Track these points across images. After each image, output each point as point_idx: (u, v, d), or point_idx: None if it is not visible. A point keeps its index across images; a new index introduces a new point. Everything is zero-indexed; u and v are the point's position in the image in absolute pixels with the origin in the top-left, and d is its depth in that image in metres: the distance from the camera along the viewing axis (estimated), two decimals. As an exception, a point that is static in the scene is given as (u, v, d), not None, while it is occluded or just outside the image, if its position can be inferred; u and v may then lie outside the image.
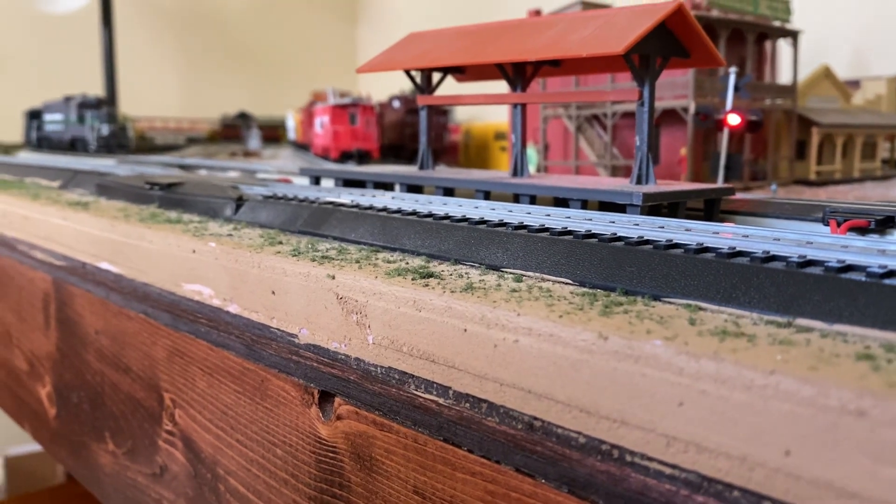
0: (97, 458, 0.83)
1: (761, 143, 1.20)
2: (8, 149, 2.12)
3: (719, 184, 0.85)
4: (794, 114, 1.22)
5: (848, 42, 1.67)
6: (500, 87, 0.76)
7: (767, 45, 1.24)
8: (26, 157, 1.75)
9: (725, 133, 0.93)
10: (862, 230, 0.52)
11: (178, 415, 0.66)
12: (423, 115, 0.82)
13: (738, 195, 0.70)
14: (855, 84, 1.45)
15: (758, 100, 1.15)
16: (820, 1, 1.65)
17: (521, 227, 0.50)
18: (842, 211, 0.54)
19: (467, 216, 0.55)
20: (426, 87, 0.83)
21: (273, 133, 2.50)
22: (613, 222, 0.51)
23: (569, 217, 0.54)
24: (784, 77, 1.30)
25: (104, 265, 0.74)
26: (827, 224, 0.54)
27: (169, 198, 0.79)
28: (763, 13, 1.16)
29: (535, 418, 0.35)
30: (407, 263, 0.48)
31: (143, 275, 0.68)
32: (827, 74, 1.36)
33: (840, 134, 1.26)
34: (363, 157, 1.37)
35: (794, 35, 1.21)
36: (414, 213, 0.58)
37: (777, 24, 1.19)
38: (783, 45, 1.27)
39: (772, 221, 0.60)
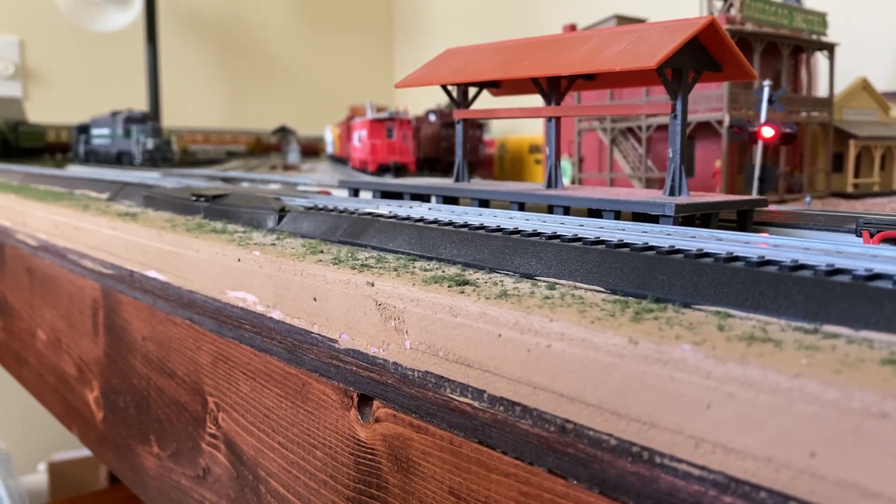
0: (142, 460, 0.86)
1: (797, 155, 1.20)
2: (58, 162, 2.19)
3: (753, 196, 0.85)
4: (830, 126, 1.21)
5: (887, 55, 1.65)
6: (535, 101, 0.78)
7: (803, 57, 1.24)
8: (75, 170, 1.81)
9: (760, 146, 0.93)
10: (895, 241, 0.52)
11: (222, 418, 0.68)
12: (459, 128, 0.84)
13: (772, 207, 0.70)
14: (894, 97, 1.43)
15: (793, 112, 1.15)
16: (858, 13, 1.63)
17: (555, 236, 0.51)
18: (875, 222, 0.54)
19: (502, 226, 0.56)
20: (462, 101, 0.85)
21: (312, 147, 2.54)
22: (646, 232, 0.52)
23: (602, 227, 0.55)
24: (822, 90, 1.30)
25: (152, 273, 0.77)
26: (859, 235, 0.54)
27: (214, 209, 0.82)
28: (798, 26, 1.16)
29: (568, 421, 0.36)
30: (443, 272, 0.49)
31: (189, 283, 0.70)
32: (864, 87, 1.35)
33: (878, 146, 1.25)
34: (400, 170, 1.39)
35: (830, 48, 1.21)
36: (450, 223, 0.60)
37: (813, 36, 1.19)
38: (820, 58, 1.27)
39: (804, 232, 0.60)
